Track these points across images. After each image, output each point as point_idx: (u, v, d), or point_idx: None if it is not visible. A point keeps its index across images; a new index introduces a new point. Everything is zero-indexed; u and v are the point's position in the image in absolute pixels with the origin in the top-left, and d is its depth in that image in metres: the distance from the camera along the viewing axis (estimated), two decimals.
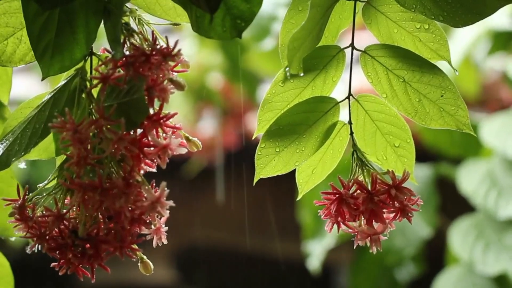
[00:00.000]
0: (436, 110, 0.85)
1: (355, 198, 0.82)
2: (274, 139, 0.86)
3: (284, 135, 0.86)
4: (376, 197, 0.82)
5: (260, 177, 0.87)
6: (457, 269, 1.95)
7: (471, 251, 1.90)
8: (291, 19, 0.86)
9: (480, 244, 1.90)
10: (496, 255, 1.88)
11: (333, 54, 0.87)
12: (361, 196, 0.82)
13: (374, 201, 0.82)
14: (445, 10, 0.83)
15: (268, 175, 0.87)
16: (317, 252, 2.03)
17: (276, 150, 0.86)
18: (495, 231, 1.91)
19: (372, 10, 0.86)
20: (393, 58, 0.86)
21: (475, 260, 1.89)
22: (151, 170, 0.78)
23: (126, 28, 0.80)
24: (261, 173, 0.87)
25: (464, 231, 1.93)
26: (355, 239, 0.84)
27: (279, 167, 0.86)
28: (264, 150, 0.86)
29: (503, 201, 1.89)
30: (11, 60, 0.84)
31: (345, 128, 0.87)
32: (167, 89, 0.77)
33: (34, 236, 0.76)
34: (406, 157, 0.87)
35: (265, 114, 0.87)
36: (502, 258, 1.87)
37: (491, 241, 1.90)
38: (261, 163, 0.86)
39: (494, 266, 1.87)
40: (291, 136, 0.86)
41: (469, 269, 1.92)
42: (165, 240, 0.79)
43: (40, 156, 0.83)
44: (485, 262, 1.88)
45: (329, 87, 0.87)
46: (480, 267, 1.88)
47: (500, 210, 1.89)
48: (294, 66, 0.80)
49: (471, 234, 1.92)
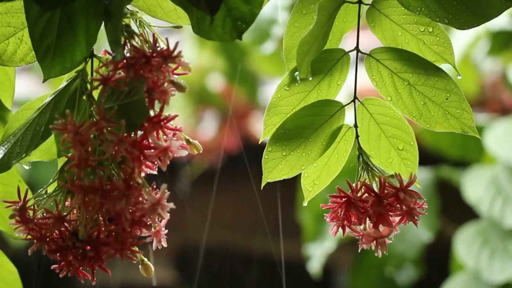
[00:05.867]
0: (441, 113, 0.85)
1: (364, 202, 0.82)
2: (280, 143, 0.86)
3: (290, 138, 0.86)
4: (385, 200, 0.82)
5: (267, 181, 0.86)
6: (463, 277, 1.94)
7: (476, 259, 1.90)
8: (295, 22, 0.86)
9: (485, 252, 1.90)
10: (502, 263, 1.88)
11: (338, 57, 0.87)
12: (370, 200, 0.82)
13: (383, 204, 0.82)
14: (450, 12, 0.83)
15: (275, 179, 0.86)
16: (318, 254, 2.03)
17: (283, 154, 0.86)
18: (501, 239, 1.91)
19: (376, 13, 0.86)
20: (398, 61, 0.85)
21: (481, 268, 1.88)
22: (152, 172, 0.78)
23: (126, 30, 0.80)
24: (268, 177, 0.86)
25: (469, 238, 1.93)
26: (360, 242, 0.83)
27: (286, 171, 0.86)
28: (271, 154, 0.86)
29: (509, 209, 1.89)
30: (12, 60, 0.84)
31: (350, 132, 0.87)
32: (167, 91, 0.77)
33: (34, 238, 0.76)
34: (410, 160, 0.87)
35: (271, 118, 0.86)
36: (508, 266, 1.87)
37: (496, 249, 1.90)
38: (268, 167, 0.86)
39: (500, 274, 1.87)
40: (297, 140, 0.86)
41: (475, 277, 1.91)
42: (165, 243, 0.79)
43: (41, 158, 0.83)
44: (491, 270, 1.88)
45: (334, 90, 0.87)
46: (486, 275, 1.87)
47: (506, 219, 1.88)
48: (303, 70, 0.80)
49: (476, 241, 1.92)
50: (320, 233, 2.05)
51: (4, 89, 0.89)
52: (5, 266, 0.92)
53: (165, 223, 0.79)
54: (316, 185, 0.88)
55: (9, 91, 0.89)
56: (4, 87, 0.89)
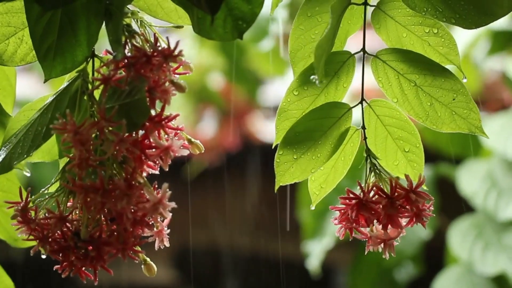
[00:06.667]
0: (448, 113, 0.85)
1: (375, 203, 0.82)
2: (291, 146, 0.86)
3: (301, 141, 0.86)
4: (397, 201, 0.81)
5: (280, 184, 0.86)
6: (456, 269, 1.95)
7: (470, 251, 1.90)
8: (300, 25, 0.86)
9: (479, 244, 1.91)
10: (495, 255, 1.88)
11: (344, 59, 0.86)
12: (382, 201, 0.82)
13: (395, 206, 0.81)
14: (457, 12, 0.82)
15: (286, 183, 0.86)
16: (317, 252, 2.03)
17: (294, 157, 0.86)
18: (495, 231, 1.92)
19: (381, 15, 0.86)
20: (404, 62, 0.85)
21: (474, 260, 1.89)
22: (153, 172, 0.78)
23: (127, 30, 0.80)
24: (281, 181, 0.86)
25: (463, 231, 1.94)
26: (367, 244, 0.83)
27: (297, 174, 0.86)
28: (282, 157, 0.86)
29: (503, 203, 1.90)
30: (12, 59, 0.84)
31: (356, 134, 0.87)
32: (168, 90, 0.76)
33: (36, 238, 0.76)
34: (416, 162, 0.87)
35: (283, 122, 0.86)
36: (501, 258, 1.87)
37: (490, 242, 1.90)
38: (280, 170, 0.86)
39: (493, 266, 1.87)
40: (307, 143, 0.86)
41: (468, 269, 1.92)
42: (167, 242, 0.79)
43: (43, 159, 0.83)
44: (484, 262, 1.88)
45: (341, 93, 0.87)
46: (479, 267, 1.88)
47: (500, 212, 1.89)
48: (320, 72, 0.80)
49: (470, 234, 1.93)
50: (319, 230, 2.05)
51: (5, 95, 0.89)
52: (2, 279, 0.91)
53: (167, 223, 0.79)
54: (323, 188, 0.88)
55: (10, 97, 0.89)
56: (5, 93, 0.89)
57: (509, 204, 1.89)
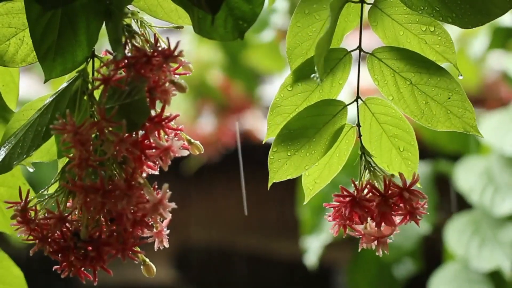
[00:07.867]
0: (443, 112, 0.85)
1: (369, 201, 0.82)
2: (285, 143, 0.86)
3: (295, 138, 0.86)
4: (390, 200, 0.82)
5: (273, 181, 0.86)
6: (453, 266, 1.95)
7: (466, 247, 1.91)
8: (298, 22, 0.86)
9: (476, 240, 1.91)
10: (491, 251, 1.89)
11: (340, 57, 0.86)
12: (375, 199, 0.82)
13: (388, 204, 0.82)
14: (454, 11, 0.83)
15: (280, 179, 0.86)
16: (315, 247, 2.03)
17: (287, 154, 0.86)
18: (491, 228, 1.92)
19: (378, 13, 0.86)
20: (400, 61, 0.85)
21: (470, 256, 1.89)
22: (153, 172, 0.78)
23: (127, 30, 0.80)
24: (274, 177, 0.86)
25: (460, 227, 1.94)
26: (360, 242, 0.83)
27: (291, 170, 0.86)
28: (276, 154, 0.86)
29: (499, 198, 1.90)
30: (13, 60, 0.84)
31: (351, 131, 0.87)
32: (169, 90, 0.76)
33: (36, 238, 0.76)
34: (410, 160, 0.87)
35: (275, 118, 0.86)
36: (497, 254, 1.88)
37: (486, 238, 1.91)
38: (274, 167, 0.86)
39: (488, 262, 1.88)
40: (301, 140, 0.86)
41: (465, 265, 1.92)
42: (167, 243, 0.79)
43: (42, 159, 0.83)
44: (480, 258, 1.89)
45: (336, 90, 0.87)
46: (475, 263, 1.88)
47: (496, 207, 1.89)
48: (321, 69, 0.80)
49: (467, 230, 1.93)
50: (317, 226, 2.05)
51: (8, 91, 0.89)
52: (11, 270, 0.92)
53: (167, 223, 0.79)
54: (317, 183, 0.88)
55: (14, 93, 0.89)
56: (8, 89, 0.89)
57: (505, 199, 1.89)
